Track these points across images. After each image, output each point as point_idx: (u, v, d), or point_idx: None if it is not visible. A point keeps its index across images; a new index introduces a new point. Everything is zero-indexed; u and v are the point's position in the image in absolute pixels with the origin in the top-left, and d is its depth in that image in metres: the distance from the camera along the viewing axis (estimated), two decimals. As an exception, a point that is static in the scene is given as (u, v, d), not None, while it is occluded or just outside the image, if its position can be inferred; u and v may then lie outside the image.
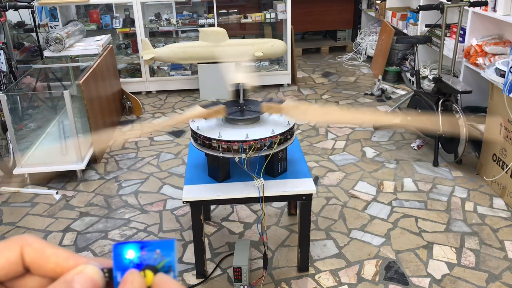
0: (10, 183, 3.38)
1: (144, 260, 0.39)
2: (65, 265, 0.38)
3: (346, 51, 6.29)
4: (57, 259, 0.39)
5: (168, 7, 5.28)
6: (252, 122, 2.15)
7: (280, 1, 5.08)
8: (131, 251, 0.39)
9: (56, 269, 0.38)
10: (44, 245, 0.39)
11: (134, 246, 0.39)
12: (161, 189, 3.22)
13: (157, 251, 0.39)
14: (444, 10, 3.43)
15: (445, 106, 3.32)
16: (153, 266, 0.39)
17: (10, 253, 0.38)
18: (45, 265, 0.39)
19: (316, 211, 2.91)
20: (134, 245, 0.39)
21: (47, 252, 0.39)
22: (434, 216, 2.84)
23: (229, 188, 2.16)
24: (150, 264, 0.39)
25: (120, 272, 0.39)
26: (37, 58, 4.73)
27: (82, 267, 0.38)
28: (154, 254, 0.39)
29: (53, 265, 0.38)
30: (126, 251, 0.39)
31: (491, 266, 2.43)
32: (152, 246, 0.39)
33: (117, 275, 0.39)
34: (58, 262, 0.38)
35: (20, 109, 3.94)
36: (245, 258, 2.27)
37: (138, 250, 0.39)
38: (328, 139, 3.86)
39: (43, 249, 0.39)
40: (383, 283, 2.34)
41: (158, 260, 0.39)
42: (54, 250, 0.39)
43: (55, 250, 0.39)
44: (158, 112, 4.56)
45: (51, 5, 4.78)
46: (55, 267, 0.38)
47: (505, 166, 2.93)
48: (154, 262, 0.39)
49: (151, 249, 0.39)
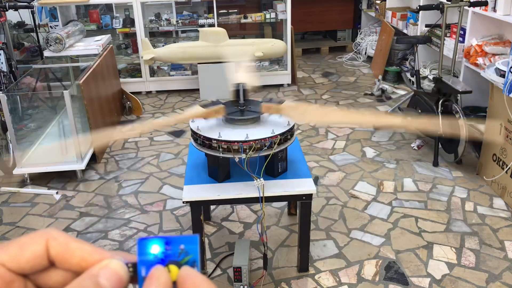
0: (10, 183, 3.38)
1: (168, 255, 0.39)
2: (90, 259, 0.39)
3: (346, 51, 6.29)
4: (82, 253, 0.39)
5: (168, 7, 5.28)
6: (252, 122, 2.15)
7: (280, 1, 5.08)
8: (156, 246, 0.39)
9: (81, 263, 0.39)
10: (69, 239, 0.40)
11: (159, 241, 0.39)
12: (161, 189, 3.22)
13: (181, 247, 0.39)
14: (444, 10, 3.43)
15: (445, 106, 3.32)
16: (177, 261, 0.39)
17: (36, 246, 0.39)
18: (70, 258, 0.39)
19: (316, 211, 2.91)
20: (159, 240, 0.39)
21: (72, 246, 0.39)
22: (434, 216, 2.84)
23: (229, 188, 2.16)
24: (174, 260, 0.39)
25: (144, 266, 0.39)
26: (37, 58, 4.73)
27: (107, 262, 0.38)
28: (178, 249, 0.39)
29: (78, 259, 0.39)
30: (150, 246, 0.39)
31: (491, 266, 2.43)
32: (176, 241, 0.40)
33: (141, 269, 0.39)
34: (83, 256, 0.39)
35: (20, 109, 3.94)
36: (245, 258, 2.27)
37: (162, 245, 0.39)
38: (328, 139, 3.86)
39: (69, 243, 0.39)
40: (383, 283, 2.34)
41: (182, 255, 0.39)
42: (79, 244, 0.40)
43: (80, 244, 0.40)
44: (158, 112, 4.56)
45: (51, 5, 4.78)
46: (80, 261, 0.39)
47: (505, 166, 2.93)
48: (178, 257, 0.39)
49: (175, 245, 0.39)
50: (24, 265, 0.39)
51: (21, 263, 0.38)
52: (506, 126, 2.90)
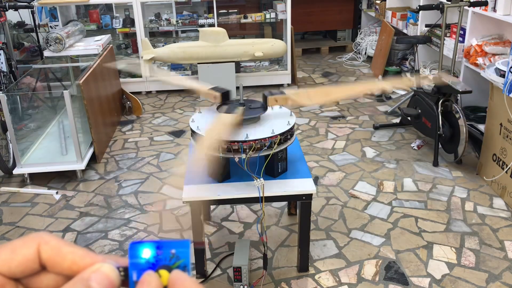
0: (10, 183, 3.38)
1: (159, 259, 0.39)
2: (81, 263, 0.39)
3: (346, 51, 6.29)
4: (73, 257, 0.39)
5: (168, 7, 5.28)
6: (252, 122, 2.15)
7: (280, 1, 5.08)
8: (147, 251, 0.39)
9: (72, 267, 0.39)
10: (61, 243, 0.40)
11: (150, 245, 0.39)
12: (161, 189, 3.22)
13: (172, 251, 0.39)
14: (444, 10, 3.43)
15: (445, 106, 3.32)
16: (168, 266, 0.39)
17: (27, 250, 0.39)
18: (62, 262, 0.39)
19: (316, 211, 2.91)
20: (150, 244, 0.40)
21: (63, 250, 0.39)
22: (434, 216, 2.84)
23: (229, 188, 2.16)
24: (165, 264, 0.39)
25: (135, 271, 0.39)
26: (37, 58, 4.73)
27: (99, 265, 0.39)
28: (170, 254, 0.39)
29: (70, 262, 0.39)
30: (142, 250, 0.39)
31: (491, 266, 2.43)
32: (168, 246, 0.40)
33: (133, 274, 0.39)
34: (74, 260, 0.39)
35: (20, 109, 3.94)
36: (245, 258, 2.27)
37: (154, 250, 0.39)
38: (328, 139, 3.86)
39: (60, 247, 0.39)
40: (383, 283, 2.34)
41: (173, 260, 0.39)
42: (70, 248, 0.40)
43: (72, 248, 0.40)
44: (158, 112, 4.56)
45: (51, 5, 4.78)
46: (72, 264, 0.39)
47: (505, 166, 2.93)
48: (170, 262, 0.39)
49: (167, 249, 0.39)
50: (15, 269, 0.39)
51: (12, 267, 0.38)
52: (506, 126, 2.90)
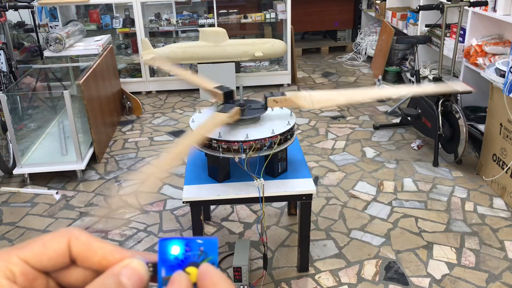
0: (10, 183, 3.38)
1: (188, 256, 0.40)
2: (111, 258, 0.40)
3: (346, 51, 6.29)
4: (103, 252, 0.40)
5: (168, 7, 5.28)
6: (252, 122, 2.15)
7: (280, 1, 5.08)
8: (176, 247, 0.40)
9: (102, 262, 0.40)
10: (91, 238, 0.40)
11: (179, 242, 0.40)
12: (161, 189, 3.22)
13: (201, 249, 0.40)
14: (444, 10, 3.43)
15: (445, 106, 3.32)
16: (197, 263, 0.40)
17: (59, 244, 0.40)
18: (92, 257, 0.40)
19: (316, 211, 2.91)
20: (180, 241, 0.40)
21: (94, 245, 0.40)
22: (434, 216, 2.84)
23: (229, 188, 2.16)
24: (194, 261, 0.40)
25: (164, 267, 0.40)
26: (37, 58, 4.73)
27: (129, 261, 0.39)
28: (198, 251, 0.40)
29: (100, 257, 0.40)
30: (171, 247, 0.40)
31: (491, 266, 2.43)
32: (196, 243, 0.40)
33: (161, 270, 0.40)
34: (104, 255, 0.40)
35: (20, 109, 3.94)
36: (245, 258, 2.27)
37: (182, 247, 0.40)
38: (328, 139, 3.86)
39: (90, 242, 0.40)
40: (383, 283, 2.34)
41: (202, 257, 0.40)
42: (100, 243, 0.40)
43: (102, 244, 0.40)
44: (158, 112, 4.56)
45: (51, 5, 4.78)
46: (101, 259, 0.40)
47: (505, 166, 2.93)
48: (198, 259, 0.40)
49: (195, 247, 0.40)
50: (46, 262, 0.39)
51: (43, 260, 0.39)
52: (506, 126, 2.90)
